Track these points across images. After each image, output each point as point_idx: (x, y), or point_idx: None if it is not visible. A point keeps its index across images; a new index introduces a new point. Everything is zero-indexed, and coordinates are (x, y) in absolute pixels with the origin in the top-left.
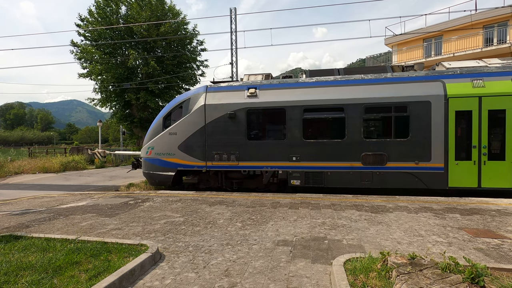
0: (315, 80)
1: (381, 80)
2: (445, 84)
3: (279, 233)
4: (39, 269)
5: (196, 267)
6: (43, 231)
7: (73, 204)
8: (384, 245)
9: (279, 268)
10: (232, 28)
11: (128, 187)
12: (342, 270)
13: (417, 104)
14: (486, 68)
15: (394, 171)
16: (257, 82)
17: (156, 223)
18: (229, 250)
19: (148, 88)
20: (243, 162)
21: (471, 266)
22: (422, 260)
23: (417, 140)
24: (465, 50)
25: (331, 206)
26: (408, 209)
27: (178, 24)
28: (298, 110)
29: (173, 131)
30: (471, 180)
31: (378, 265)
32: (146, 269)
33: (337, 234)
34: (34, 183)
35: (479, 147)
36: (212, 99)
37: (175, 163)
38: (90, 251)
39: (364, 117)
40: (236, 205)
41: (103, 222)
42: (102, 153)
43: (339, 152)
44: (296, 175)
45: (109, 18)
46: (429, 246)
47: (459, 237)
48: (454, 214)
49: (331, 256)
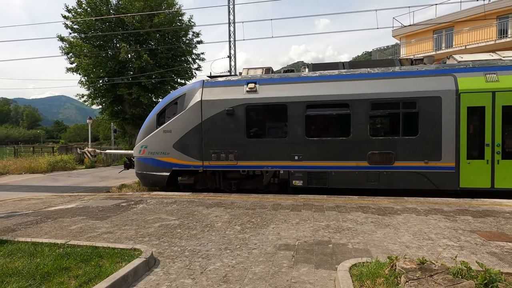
0: (318, 74)
1: (389, 74)
2: (456, 78)
3: (281, 237)
4: (26, 276)
5: (193, 273)
6: (30, 235)
7: (61, 206)
8: (391, 249)
9: (281, 274)
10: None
11: (120, 188)
12: (348, 275)
13: (426, 99)
14: (500, 62)
15: (402, 171)
16: (256, 76)
17: (150, 227)
18: (227, 254)
19: (141, 83)
20: (242, 162)
21: (484, 271)
22: (432, 265)
23: (426, 138)
24: (477, 42)
25: (336, 208)
26: (417, 211)
27: (172, 15)
28: (301, 106)
29: (167, 129)
30: (483, 180)
31: (386, 270)
32: (140, 275)
33: (342, 237)
34: (20, 184)
35: (493, 146)
36: (209, 95)
37: (170, 163)
38: (80, 256)
39: (370, 113)
40: (234, 207)
41: (93, 226)
42: (92, 152)
43: (344, 150)
44: (298, 175)
45: (99, 8)
46: (439, 250)
47: (471, 241)
48: (466, 216)
49: (335, 261)
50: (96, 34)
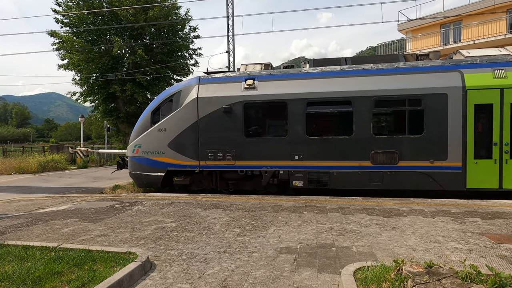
0: (319, 70)
1: (393, 70)
2: (463, 74)
3: (282, 240)
4: (16, 280)
5: (191, 278)
6: (20, 238)
7: (53, 208)
8: (397, 252)
9: (282, 278)
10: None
11: (113, 189)
12: (352, 280)
13: (432, 96)
14: (509, 57)
15: (407, 171)
16: (255, 72)
17: (146, 229)
18: (226, 258)
19: (136, 80)
20: (240, 162)
21: (495, 275)
22: (440, 268)
23: (432, 136)
24: (486, 36)
25: (339, 209)
26: (424, 212)
27: (168, 8)
28: (301, 103)
29: (162, 127)
30: (491, 181)
31: (392, 274)
32: (136, 280)
33: (346, 240)
34: (9, 185)
35: (501, 145)
36: (206, 92)
37: (165, 163)
38: (73, 260)
39: (373, 111)
40: (234, 209)
41: (86, 228)
42: (85, 151)
43: (346, 150)
44: (298, 175)
45: (91, 1)
46: (447, 253)
47: (480, 244)
48: (475, 218)
49: (339, 264)
50: (88, 28)
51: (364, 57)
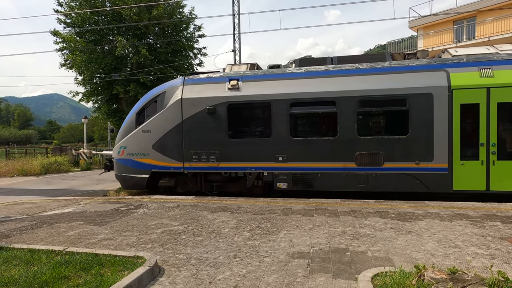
0: (304, 70)
1: (377, 70)
2: (449, 73)
3: (293, 244)
4: (23, 285)
5: (201, 283)
6: (25, 241)
7: (57, 211)
8: (415, 257)
9: (296, 284)
10: (235, 10)
11: (118, 191)
12: (370, 286)
13: (417, 96)
14: (496, 56)
15: (392, 173)
16: (239, 73)
17: (153, 233)
18: (237, 263)
19: (139, 80)
20: (224, 163)
21: None
22: (465, 275)
23: (417, 137)
24: (502, 33)
25: (351, 212)
26: (440, 216)
27: (173, 6)
28: (285, 104)
29: (146, 129)
30: (478, 183)
31: (413, 280)
32: (144, 285)
33: (360, 245)
34: (12, 187)
35: (488, 145)
36: (190, 93)
37: (150, 164)
38: (80, 264)
39: (358, 111)
40: (242, 212)
41: (92, 231)
42: (88, 153)
43: (330, 151)
44: (282, 177)
45: (94, 0)
46: (468, 258)
47: (503, 249)
48: (495, 222)
49: (355, 270)
50: (91, 28)
51: (351, 57)
